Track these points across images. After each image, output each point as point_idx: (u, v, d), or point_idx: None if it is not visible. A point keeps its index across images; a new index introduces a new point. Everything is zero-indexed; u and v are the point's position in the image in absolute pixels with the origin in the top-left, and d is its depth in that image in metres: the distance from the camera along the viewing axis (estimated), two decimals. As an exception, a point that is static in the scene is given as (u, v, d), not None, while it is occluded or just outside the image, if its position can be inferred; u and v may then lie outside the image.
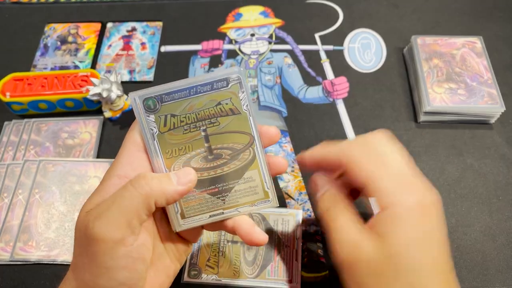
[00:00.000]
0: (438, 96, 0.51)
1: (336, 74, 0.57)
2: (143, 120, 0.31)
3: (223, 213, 0.33)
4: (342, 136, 0.51)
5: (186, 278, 0.41)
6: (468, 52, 0.54)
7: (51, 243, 0.44)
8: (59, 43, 0.62)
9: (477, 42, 0.55)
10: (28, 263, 0.43)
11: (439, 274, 0.30)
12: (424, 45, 0.55)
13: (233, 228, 0.33)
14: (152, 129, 0.31)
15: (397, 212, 0.31)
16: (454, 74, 0.52)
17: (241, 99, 0.31)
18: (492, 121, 0.51)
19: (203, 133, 0.32)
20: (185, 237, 0.35)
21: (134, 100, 0.30)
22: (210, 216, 0.33)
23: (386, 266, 0.30)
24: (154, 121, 0.31)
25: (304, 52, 0.60)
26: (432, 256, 0.30)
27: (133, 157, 0.31)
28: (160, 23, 0.63)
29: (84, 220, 0.28)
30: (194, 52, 0.60)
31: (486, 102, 0.50)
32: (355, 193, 0.37)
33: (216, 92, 0.31)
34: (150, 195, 0.28)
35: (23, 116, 0.54)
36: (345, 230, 0.33)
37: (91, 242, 0.27)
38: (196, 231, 0.35)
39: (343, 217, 0.33)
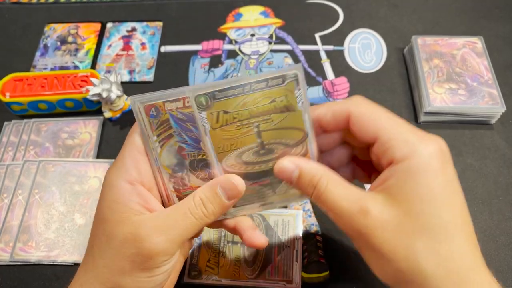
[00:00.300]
0: (438, 97, 0.51)
1: (336, 74, 0.57)
2: (143, 124, 0.31)
3: (273, 203, 0.34)
4: (342, 136, 0.51)
5: (186, 278, 0.41)
6: (469, 52, 0.54)
7: (51, 243, 0.44)
8: (59, 43, 0.62)
9: (478, 42, 0.55)
10: (28, 263, 0.43)
11: (464, 226, 0.28)
12: (425, 45, 0.55)
13: (234, 228, 0.34)
14: (204, 125, 0.31)
15: (417, 162, 0.27)
16: (455, 74, 0.52)
17: (297, 96, 0.31)
18: (493, 121, 0.51)
19: (255, 130, 0.31)
20: None
21: (134, 103, 0.31)
22: (261, 205, 0.34)
23: (405, 226, 0.27)
24: (206, 118, 0.31)
25: (304, 52, 0.60)
26: (457, 209, 0.28)
27: (137, 160, 0.31)
28: (160, 23, 0.63)
29: (132, 229, 0.29)
30: (194, 52, 0.60)
31: (487, 102, 0.50)
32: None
33: (271, 89, 0.30)
34: (206, 221, 0.31)
35: (23, 117, 0.54)
36: (343, 198, 0.29)
37: (145, 252, 0.29)
38: None
39: (337, 183, 0.30)
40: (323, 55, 0.59)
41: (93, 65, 0.59)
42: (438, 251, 0.27)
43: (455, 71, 0.53)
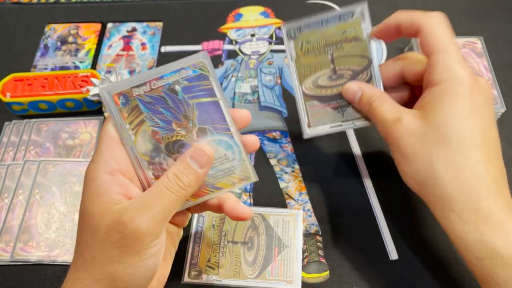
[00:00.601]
0: (438, 97, 0.51)
1: (337, 74, 0.57)
2: (115, 114, 0.31)
3: (341, 125, 0.41)
4: (342, 136, 0.51)
5: (186, 278, 0.41)
6: (469, 52, 0.54)
7: (51, 243, 0.44)
8: (59, 43, 0.62)
9: (478, 43, 0.55)
10: (28, 263, 0.43)
11: (483, 146, 0.32)
12: None
13: (218, 205, 0.35)
14: (291, 53, 0.40)
15: (450, 85, 0.33)
16: (455, 75, 0.52)
17: (363, 28, 0.39)
18: (493, 121, 0.51)
19: (330, 57, 0.40)
20: (175, 222, 0.36)
21: (102, 94, 0.31)
22: (331, 127, 0.41)
23: (427, 135, 0.33)
24: (293, 47, 0.40)
25: (304, 52, 0.60)
26: (479, 129, 0.33)
27: (114, 151, 0.32)
28: (160, 24, 0.63)
29: (115, 217, 0.29)
30: (195, 53, 0.60)
31: (487, 102, 0.50)
32: None
33: (343, 23, 0.39)
34: (185, 194, 0.32)
35: (23, 117, 0.54)
36: (387, 110, 0.36)
37: (130, 235, 0.29)
38: (184, 215, 0.37)
39: (386, 102, 0.37)
40: (323, 55, 0.59)
41: (94, 65, 0.59)
42: (452, 159, 0.32)
43: (455, 71, 0.53)
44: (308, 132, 0.41)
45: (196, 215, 0.45)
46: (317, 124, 0.41)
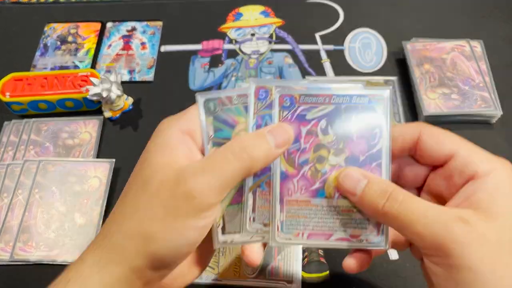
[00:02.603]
0: (432, 102, 0.50)
1: (337, 74, 0.57)
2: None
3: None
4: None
5: (186, 278, 0.41)
6: (458, 55, 0.54)
7: (51, 243, 0.44)
8: (59, 43, 0.61)
9: (466, 46, 0.55)
10: (28, 263, 0.43)
11: None
12: (414, 50, 0.55)
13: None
14: None
15: (503, 177, 0.27)
16: (446, 79, 0.52)
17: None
18: (493, 121, 0.51)
19: None
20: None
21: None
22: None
23: (504, 242, 0.25)
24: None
25: (304, 52, 0.60)
26: None
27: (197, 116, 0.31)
28: (160, 23, 0.63)
29: (170, 174, 0.27)
30: (194, 52, 0.60)
31: (480, 105, 0.50)
32: None
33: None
34: (250, 166, 0.28)
35: (23, 116, 0.54)
36: (430, 210, 0.26)
37: (181, 195, 0.27)
38: None
39: (414, 197, 0.27)
40: (323, 55, 0.59)
41: (93, 65, 0.59)
42: None
43: (447, 75, 0.52)
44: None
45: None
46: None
